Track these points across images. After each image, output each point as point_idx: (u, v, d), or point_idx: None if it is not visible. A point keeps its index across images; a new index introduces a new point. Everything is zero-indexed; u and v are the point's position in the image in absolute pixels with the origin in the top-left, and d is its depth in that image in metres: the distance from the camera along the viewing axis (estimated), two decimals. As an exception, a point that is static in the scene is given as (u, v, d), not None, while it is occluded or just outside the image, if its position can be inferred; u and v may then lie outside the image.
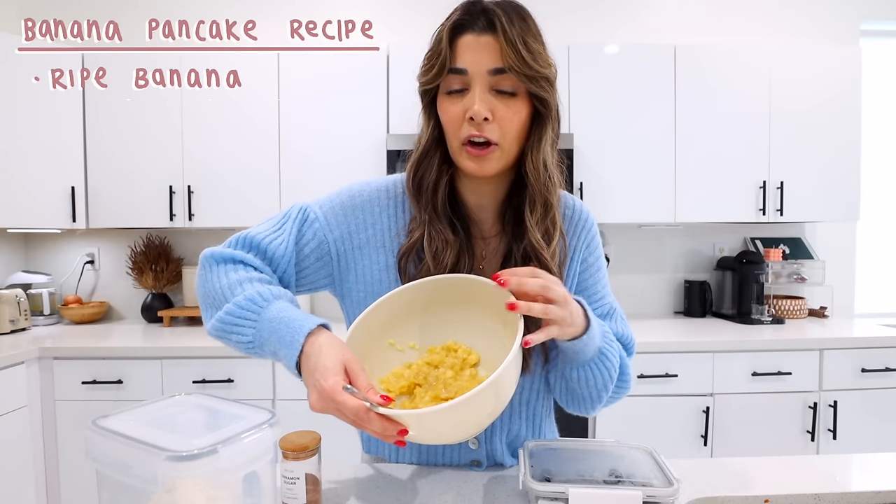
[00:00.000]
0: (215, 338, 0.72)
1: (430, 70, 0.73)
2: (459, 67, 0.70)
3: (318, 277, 0.82)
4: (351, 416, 0.57)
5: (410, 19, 2.61)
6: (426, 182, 0.78)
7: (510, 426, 0.86)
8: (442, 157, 0.78)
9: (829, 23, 2.72)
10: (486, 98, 0.70)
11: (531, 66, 0.69)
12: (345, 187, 0.84)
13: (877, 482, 0.80)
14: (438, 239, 0.76)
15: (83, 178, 2.29)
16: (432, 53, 0.73)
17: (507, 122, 0.71)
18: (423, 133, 0.78)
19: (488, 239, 0.83)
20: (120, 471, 0.54)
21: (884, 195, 2.81)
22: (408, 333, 0.75)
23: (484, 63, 0.69)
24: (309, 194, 2.30)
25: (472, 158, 0.73)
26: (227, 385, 1.99)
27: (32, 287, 2.46)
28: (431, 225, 0.77)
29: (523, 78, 0.69)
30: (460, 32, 0.71)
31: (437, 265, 0.75)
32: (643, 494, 0.63)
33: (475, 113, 0.69)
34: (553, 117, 0.75)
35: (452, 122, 0.73)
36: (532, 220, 0.76)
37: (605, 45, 2.32)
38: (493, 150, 0.72)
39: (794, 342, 2.06)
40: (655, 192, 2.34)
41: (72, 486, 1.99)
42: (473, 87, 0.70)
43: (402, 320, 0.74)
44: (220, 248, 0.77)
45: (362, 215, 0.81)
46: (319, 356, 0.60)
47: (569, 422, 2.06)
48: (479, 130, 0.71)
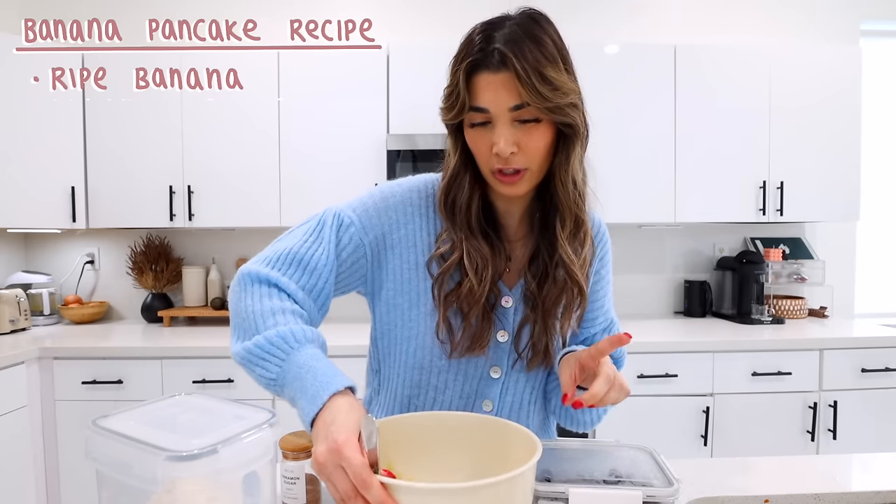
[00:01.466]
0: (238, 364, 0.72)
1: (451, 109, 0.73)
2: (479, 107, 0.71)
3: (353, 280, 0.82)
4: (353, 474, 0.52)
5: (410, 19, 2.61)
6: (459, 203, 0.78)
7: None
8: (472, 177, 0.78)
9: (829, 23, 2.72)
10: (510, 133, 0.70)
11: (550, 98, 0.68)
12: (376, 190, 0.84)
13: (877, 482, 0.80)
14: (476, 255, 0.77)
15: (83, 178, 2.29)
16: (451, 92, 0.73)
17: (534, 149, 0.72)
18: (451, 158, 0.79)
19: (514, 242, 0.84)
20: (120, 471, 0.55)
21: (884, 195, 2.81)
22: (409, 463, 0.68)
23: (503, 101, 0.69)
24: (309, 194, 2.31)
25: (504, 185, 0.74)
26: (227, 385, 1.99)
27: (32, 287, 2.46)
28: (468, 242, 0.77)
29: (544, 111, 0.69)
30: (476, 71, 0.70)
31: (480, 281, 0.76)
32: (643, 494, 0.62)
33: (500, 150, 0.70)
34: (581, 135, 0.75)
35: (480, 154, 0.74)
36: (563, 235, 0.78)
37: (605, 46, 2.32)
38: (522, 175, 0.73)
39: (794, 342, 2.07)
40: (655, 192, 2.34)
41: (72, 486, 1.99)
42: (496, 123, 0.71)
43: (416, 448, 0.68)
44: (259, 265, 0.76)
45: (395, 215, 0.81)
46: (339, 413, 0.59)
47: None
48: (506, 164, 0.72)
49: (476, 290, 0.76)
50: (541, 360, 0.82)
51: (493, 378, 0.83)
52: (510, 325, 0.82)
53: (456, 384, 0.82)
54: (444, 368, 0.82)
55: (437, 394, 0.83)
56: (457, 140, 0.77)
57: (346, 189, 2.24)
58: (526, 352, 0.81)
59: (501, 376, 0.83)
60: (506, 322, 0.82)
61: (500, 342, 0.82)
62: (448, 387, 0.82)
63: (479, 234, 0.78)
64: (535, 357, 0.81)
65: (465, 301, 0.76)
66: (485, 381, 0.83)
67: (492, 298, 0.79)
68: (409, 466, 0.69)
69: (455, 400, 0.83)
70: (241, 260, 2.63)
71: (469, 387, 0.83)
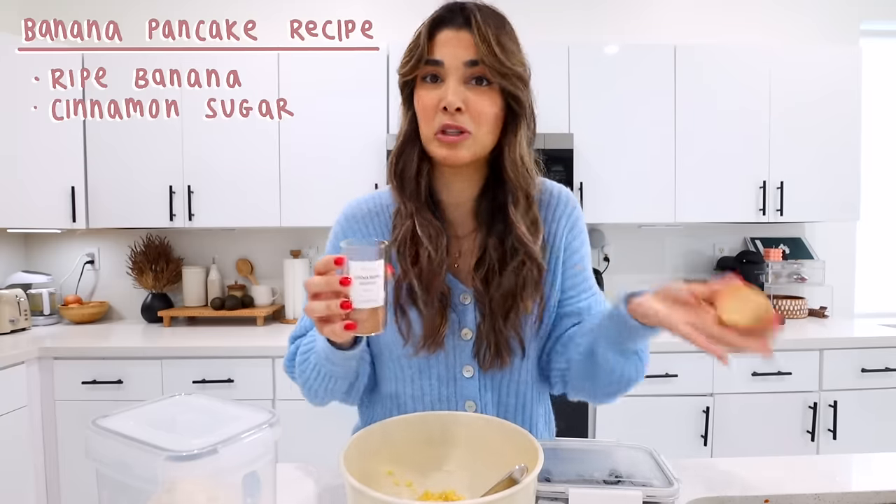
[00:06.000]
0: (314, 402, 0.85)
1: (408, 62, 0.76)
2: (435, 59, 0.74)
3: None
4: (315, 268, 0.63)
5: (410, 19, 2.58)
6: (409, 171, 0.80)
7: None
8: (421, 149, 0.79)
9: (829, 23, 2.72)
10: (460, 89, 0.73)
11: (503, 62, 0.72)
12: (335, 223, 0.88)
13: (877, 482, 0.80)
14: (429, 225, 0.78)
15: (83, 178, 2.29)
16: (412, 46, 0.76)
17: (480, 111, 0.73)
18: (402, 124, 0.81)
19: (461, 238, 0.84)
20: (120, 471, 0.54)
21: (884, 195, 2.80)
22: (409, 466, 0.69)
23: (459, 56, 0.72)
24: (309, 194, 2.31)
25: (444, 146, 0.75)
26: (227, 385, 1.99)
27: (32, 287, 2.46)
28: (419, 213, 0.79)
29: (495, 73, 0.72)
30: (439, 28, 0.74)
31: (437, 248, 0.77)
32: (643, 494, 0.62)
33: (449, 102, 0.72)
34: (528, 115, 0.78)
35: (426, 111, 0.75)
36: (517, 213, 0.78)
37: (605, 46, 2.32)
38: (465, 138, 0.74)
39: (794, 342, 2.07)
40: (655, 192, 2.34)
41: (72, 486, 1.99)
42: (448, 79, 0.73)
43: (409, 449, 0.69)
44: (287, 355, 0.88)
45: (350, 232, 0.85)
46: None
47: (569, 422, 2.07)
48: (453, 120, 0.73)
49: (434, 258, 0.77)
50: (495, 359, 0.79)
51: (467, 378, 0.83)
52: (472, 322, 0.81)
53: (432, 388, 0.83)
54: (415, 375, 0.83)
55: (414, 402, 0.84)
56: (408, 107, 0.79)
57: (345, 189, 2.24)
58: (483, 351, 0.79)
59: (475, 375, 0.82)
60: (466, 319, 0.81)
61: (464, 340, 0.81)
62: (425, 392, 0.83)
63: (428, 209, 0.80)
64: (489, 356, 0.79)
65: (427, 273, 0.77)
66: (460, 381, 0.83)
67: (448, 293, 0.79)
68: (408, 469, 0.69)
69: (436, 403, 0.83)
70: (241, 260, 2.63)
71: (446, 389, 0.83)
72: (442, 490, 0.68)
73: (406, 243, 0.78)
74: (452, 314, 0.80)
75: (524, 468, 0.56)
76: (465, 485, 0.69)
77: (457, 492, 0.68)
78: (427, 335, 0.78)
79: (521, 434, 0.64)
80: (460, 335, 0.81)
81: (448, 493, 0.68)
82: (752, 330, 0.55)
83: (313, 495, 0.80)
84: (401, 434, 0.70)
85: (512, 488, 0.52)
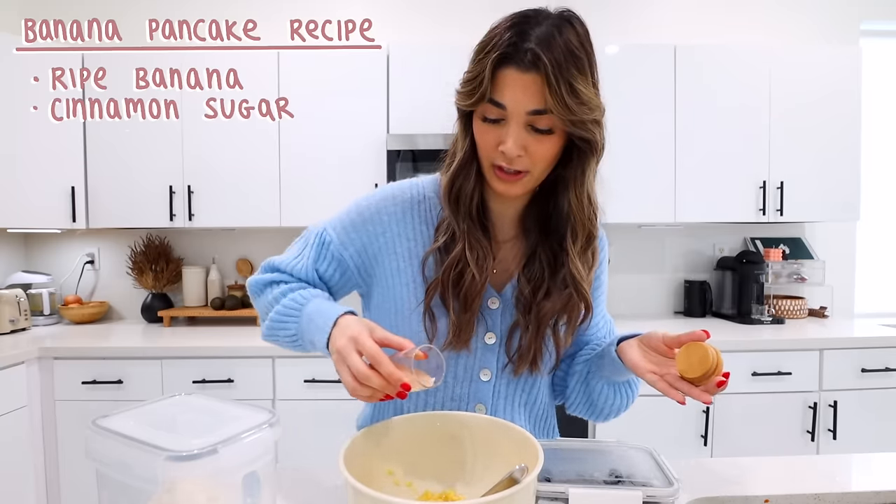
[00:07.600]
0: (266, 339, 0.85)
1: (469, 95, 0.70)
2: (499, 102, 0.68)
3: (349, 287, 0.88)
4: (368, 354, 0.62)
5: (410, 19, 2.61)
6: (465, 193, 0.78)
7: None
8: (478, 170, 0.78)
9: (829, 23, 2.72)
10: (520, 136, 0.69)
11: (574, 111, 0.67)
12: (353, 203, 0.86)
13: (877, 482, 0.80)
14: (478, 246, 0.78)
15: (83, 178, 2.29)
16: (473, 78, 0.70)
17: (540, 156, 0.71)
18: (460, 146, 0.77)
19: (500, 243, 0.84)
20: (120, 471, 0.54)
21: (884, 195, 2.80)
22: (410, 466, 0.70)
23: (524, 103, 0.67)
24: (309, 194, 2.31)
25: (501, 182, 0.74)
26: (227, 385, 1.99)
27: (32, 287, 2.46)
28: (471, 234, 0.78)
29: (566, 123, 0.68)
30: (504, 64, 0.67)
31: (482, 272, 0.77)
32: (643, 494, 0.62)
33: (508, 150, 0.69)
34: (598, 151, 0.74)
35: (485, 146, 0.73)
36: (574, 249, 0.78)
37: (605, 46, 2.32)
38: (522, 177, 0.73)
39: (794, 342, 2.06)
40: (655, 192, 2.34)
41: (72, 486, 1.99)
42: (509, 122, 0.69)
43: (410, 449, 0.70)
44: (257, 275, 0.87)
45: (372, 227, 0.82)
46: (350, 323, 0.68)
47: (569, 422, 2.06)
48: (509, 164, 0.71)
49: (478, 281, 0.76)
50: (528, 366, 0.81)
51: (484, 381, 0.82)
52: (497, 327, 0.81)
53: (447, 387, 0.82)
54: None
55: (427, 395, 0.83)
56: (467, 128, 0.76)
57: (345, 189, 2.24)
58: (514, 356, 0.81)
59: (492, 379, 0.83)
60: (493, 324, 0.81)
61: (487, 344, 0.81)
62: (438, 389, 0.83)
63: (479, 227, 0.79)
64: (522, 363, 0.80)
65: (468, 293, 0.77)
66: (475, 383, 0.83)
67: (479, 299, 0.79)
68: (408, 468, 0.69)
69: (447, 402, 0.83)
70: (241, 260, 2.63)
71: (460, 389, 0.83)
72: (442, 490, 0.69)
73: (453, 266, 0.77)
74: (479, 318, 0.80)
75: (524, 468, 0.57)
76: (465, 485, 0.69)
77: (457, 492, 0.68)
78: (454, 337, 0.78)
79: (522, 434, 0.64)
80: (484, 339, 0.81)
81: (448, 493, 0.68)
82: (699, 381, 0.69)
83: (313, 495, 0.80)
84: (403, 433, 0.70)
85: (512, 488, 0.52)
